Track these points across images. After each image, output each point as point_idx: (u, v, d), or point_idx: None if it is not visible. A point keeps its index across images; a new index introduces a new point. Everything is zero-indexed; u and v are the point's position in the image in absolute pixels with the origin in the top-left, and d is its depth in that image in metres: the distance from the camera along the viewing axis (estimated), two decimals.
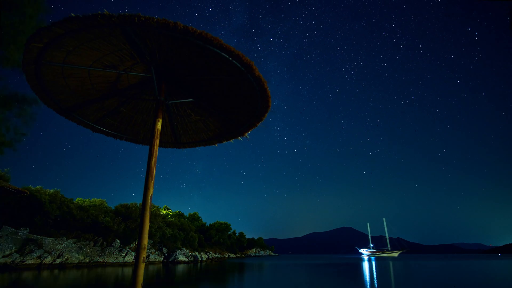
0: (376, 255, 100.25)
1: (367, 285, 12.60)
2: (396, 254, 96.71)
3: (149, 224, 2.53)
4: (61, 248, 21.37)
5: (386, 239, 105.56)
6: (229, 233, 65.47)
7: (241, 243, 78.99)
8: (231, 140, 3.89)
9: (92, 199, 33.99)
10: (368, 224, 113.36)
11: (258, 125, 3.44)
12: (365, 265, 33.18)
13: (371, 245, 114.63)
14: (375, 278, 16.19)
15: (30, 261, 18.79)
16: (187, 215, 56.33)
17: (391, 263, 39.74)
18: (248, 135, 3.68)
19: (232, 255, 63.37)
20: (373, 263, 39.91)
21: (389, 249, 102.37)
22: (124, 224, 29.79)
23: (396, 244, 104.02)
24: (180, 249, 36.61)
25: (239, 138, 3.78)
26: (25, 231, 20.58)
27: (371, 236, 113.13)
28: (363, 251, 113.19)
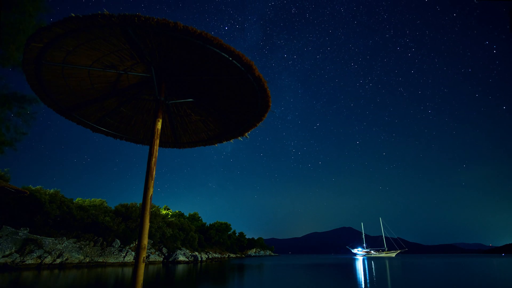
0: (372, 255, 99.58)
1: (361, 285, 12.60)
2: (393, 254, 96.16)
3: (149, 224, 2.53)
4: (61, 248, 21.36)
5: (383, 238, 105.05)
6: (229, 233, 65.48)
7: (241, 243, 79.01)
8: (231, 140, 3.89)
9: (92, 199, 34.00)
10: (362, 223, 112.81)
11: (258, 125, 3.44)
12: (359, 264, 33.16)
13: (365, 244, 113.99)
14: (368, 277, 16.18)
15: (30, 261, 18.79)
16: (187, 215, 56.34)
17: (387, 261, 39.70)
18: (249, 135, 3.68)
19: (232, 255, 63.36)
20: (366, 262, 39.84)
21: (386, 249, 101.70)
22: (124, 224, 29.79)
23: (395, 244, 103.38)
24: (180, 249, 36.62)
25: (239, 138, 3.77)
26: (25, 231, 20.58)
27: (369, 236, 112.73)
28: (356, 251, 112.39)
